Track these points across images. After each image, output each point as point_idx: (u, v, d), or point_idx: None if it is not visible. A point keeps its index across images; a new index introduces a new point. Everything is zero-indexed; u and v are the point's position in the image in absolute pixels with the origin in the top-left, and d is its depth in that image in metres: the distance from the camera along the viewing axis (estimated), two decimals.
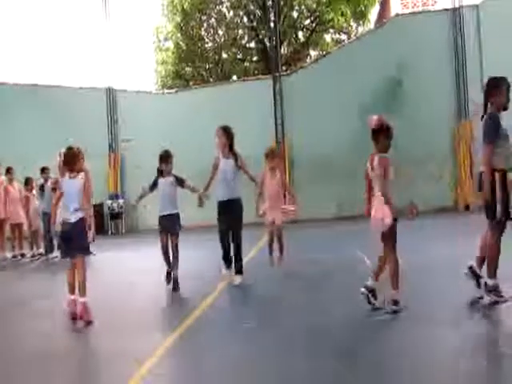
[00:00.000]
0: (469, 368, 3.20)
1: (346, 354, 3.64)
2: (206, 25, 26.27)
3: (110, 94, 17.70)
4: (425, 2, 17.78)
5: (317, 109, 15.85)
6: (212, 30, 26.32)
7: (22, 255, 11.24)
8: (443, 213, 14.19)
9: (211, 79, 25.75)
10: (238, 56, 26.93)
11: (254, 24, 25.05)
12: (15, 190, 11.27)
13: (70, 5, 43.14)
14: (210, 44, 26.63)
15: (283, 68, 19.91)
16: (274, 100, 16.43)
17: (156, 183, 6.38)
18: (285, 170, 15.14)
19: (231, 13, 26.03)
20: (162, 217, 6.33)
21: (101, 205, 16.13)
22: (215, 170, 6.43)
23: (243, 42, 26.72)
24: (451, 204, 15.19)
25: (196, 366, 3.63)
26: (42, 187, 10.72)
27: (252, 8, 24.87)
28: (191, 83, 25.13)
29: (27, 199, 11.30)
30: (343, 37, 26.11)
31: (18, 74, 43.67)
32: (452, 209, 14.95)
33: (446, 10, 15.92)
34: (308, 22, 26.14)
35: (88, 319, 4.87)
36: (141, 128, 16.82)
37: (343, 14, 24.61)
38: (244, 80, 19.89)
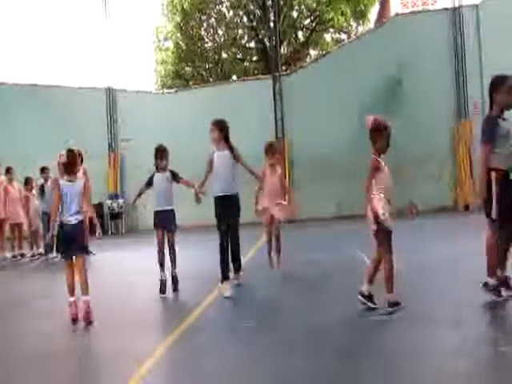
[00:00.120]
0: (469, 368, 3.20)
1: (346, 354, 3.64)
2: (205, 24, 26.28)
3: (110, 93, 17.71)
4: (424, 2, 17.73)
5: (317, 108, 15.86)
6: (212, 30, 26.32)
7: (21, 255, 11.25)
8: (443, 212, 14.20)
9: (211, 79, 25.75)
10: (238, 56, 26.93)
11: (254, 24, 25.06)
12: (15, 190, 11.28)
13: (69, 5, 43.16)
14: (210, 44, 26.64)
15: (283, 68, 19.91)
16: (274, 100, 16.42)
17: (152, 179, 6.24)
18: (285, 170, 15.13)
19: (231, 12, 26.04)
20: (156, 212, 6.21)
21: (100, 205, 16.15)
22: (210, 165, 6.09)
23: (243, 41, 26.73)
24: (451, 204, 15.20)
25: (196, 366, 3.63)
26: (41, 187, 10.75)
27: (252, 8, 24.87)
28: (191, 83, 25.14)
29: (27, 199, 11.31)
30: (343, 36, 26.14)
31: (17, 74, 43.69)
32: (452, 208, 14.96)
33: (445, 9, 15.91)
34: (308, 21, 26.16)
35: (90, 320, 4.88)
36: (140, 128, 16.82)
37: (343, 14, 24.63)
38: (244, 80, 19.88)
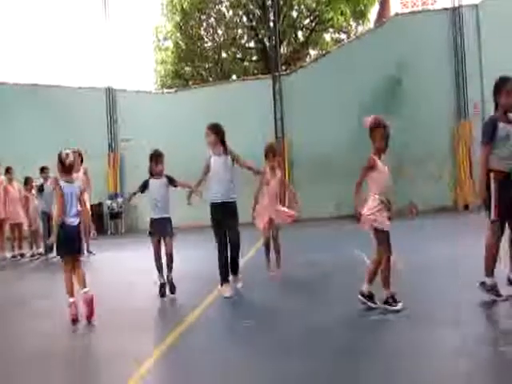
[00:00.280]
0: (469, 368, 3.20)
1: (346, 354, 3.63)
2: (205, 24, 26.25)
3: (110, 93, 17.71)
4: (424, 2, 17.74)
5: (316, 108, 15.86)
6: (211, 30, 26.30)
7: (21, 255, 11.24)
8: (443, 212, 14.20)
9: (211, 79, 25.74)
10: (238, 55, 26.92)
11: (254, 23, 25.05)
12: (15, 190, 11.27)
13: (69, 5, 43.14)
14: (210, 43, 26.61)
15: (283, 67, 19.92)
16: (274, 99, 16.43)
17: (147, 185, 6.06)
18: (284, 170, 15.13)
19: (231, 12, 26.01)
20: (153, 220, 6.04)
21: (100, 204, 16.14)
22: (206, 170, 5.95)
23: (243, 41, 26.72)
24: (451, 204, 15.21)
25: (195, 366, 3.62)
26: (41, 187, 10.75)
27: (251, 7, 24.86)
28: (191, 83, 25.14)
29: (27, 199, 11.31)
30: (343, 36, 26.12)
31: (17, 74, 43.67)
32: (451, 208, 14.97)
33: (445, 9, 15.93)
34: (307, 21, 26.14)
35: (92, 317, 4.89)
36: (140, 128, 16.82)
37: (343, 14, 24.62)
38: (243, 80, 19.87)
